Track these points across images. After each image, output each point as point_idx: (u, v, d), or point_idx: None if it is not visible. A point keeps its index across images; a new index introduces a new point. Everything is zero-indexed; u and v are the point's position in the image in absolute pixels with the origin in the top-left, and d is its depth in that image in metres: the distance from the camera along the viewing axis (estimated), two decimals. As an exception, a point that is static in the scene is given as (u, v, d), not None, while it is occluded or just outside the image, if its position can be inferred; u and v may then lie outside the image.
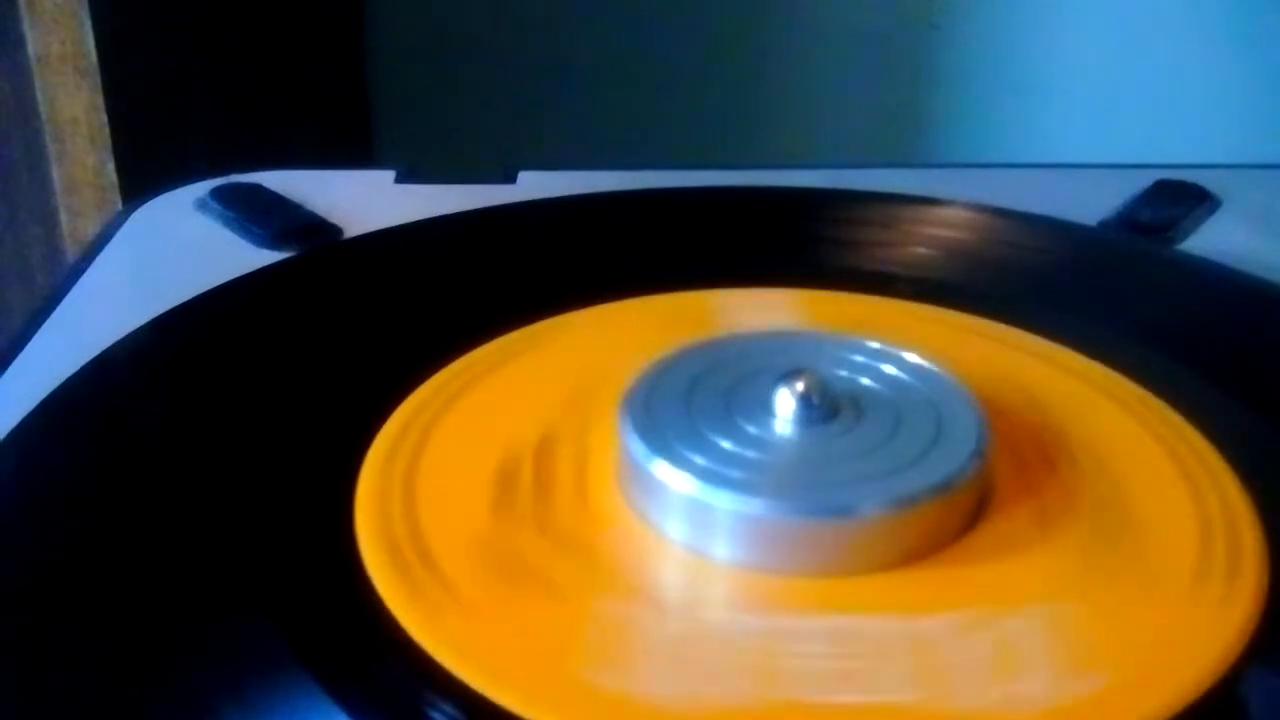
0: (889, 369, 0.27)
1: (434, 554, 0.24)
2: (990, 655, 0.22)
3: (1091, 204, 0.38)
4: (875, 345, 0.27)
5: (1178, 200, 0.38)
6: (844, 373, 0.27)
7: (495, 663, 0.21)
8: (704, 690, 0.21)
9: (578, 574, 0.23)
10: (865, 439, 0.25)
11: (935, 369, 0.27)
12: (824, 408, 0.25)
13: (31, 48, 0.51)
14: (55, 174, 0.54)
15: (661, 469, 0.24)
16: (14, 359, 0.31)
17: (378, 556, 0.24)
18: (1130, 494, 0.25)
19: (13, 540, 0.25)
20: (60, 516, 0.25)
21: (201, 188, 0.40)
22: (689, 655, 0.22)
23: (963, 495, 0.24)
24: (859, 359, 0.27)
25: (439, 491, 0.26)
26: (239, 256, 0.36)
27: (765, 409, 0.25)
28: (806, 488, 0.23)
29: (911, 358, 0.27)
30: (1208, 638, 0.22)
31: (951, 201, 0.38)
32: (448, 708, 0.21)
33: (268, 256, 0.36)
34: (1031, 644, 0.22)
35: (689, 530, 0.24)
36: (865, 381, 0.26)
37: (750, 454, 0.24)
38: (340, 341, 0.31)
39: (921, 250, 0.36)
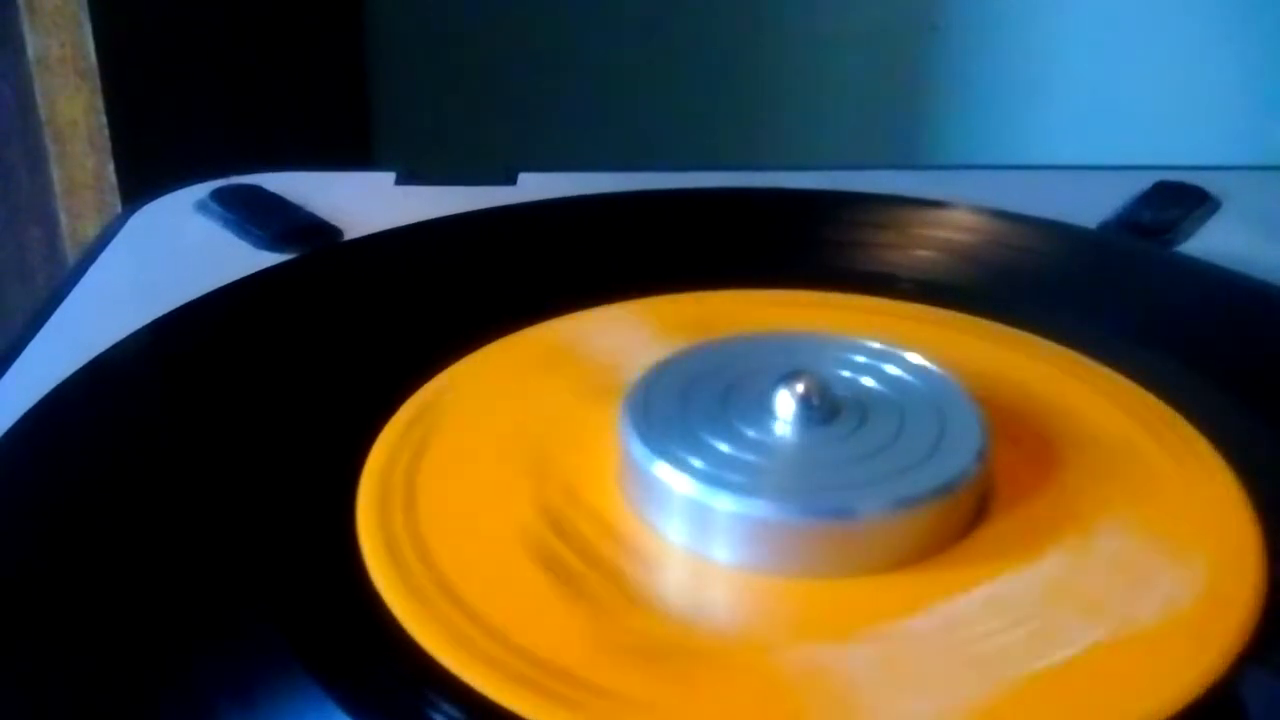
0: (889, 370, 0.27)
1: (435, 556, 0.24)
2: (989, 656, 0.22)
3: (1092, 205, 0.38)
4: (876, 347, 0.27)
5: (1178, 202, 0.39)
6: (844, 374, 0.27)
7: (498, 664, 0.21)
8: (704, 691, 0.21)
9: (578, 576, 0.23)
10: (866, 440, 0.25)
11: (936, 370, 0.27)
12: (824, 409, 0.25)
13: (31, 50, 0.51)
14: (55, 176, 0.54)
15: (662, 470, 0.24)
16: (14, 360, 0.31)
17: (379, 558, 0.24)
18: (1130, 495, 0.25)
19: (11, 543, 0.25)
20: (59, 519, 0.25)
21: (201, 189, 0.40)
22: (690, 657, 0.22)
23: (963, 497, 0.24)
24: (859, 360, 0.27)
25: (440, 493, 0.26)
26: (239, 258, 0.36)
27: (766, 410, 0.25)
28: (807, 489, 0.23)
29: (912, 359, 0.27)
30: (1206, 639, 0.22)
31: (952, 203, 0.38)
32: (450, 708, 0.21)
33: (268, 258, 0.36)
34: (1030, 645, 0.22)
35: (689, 532, 0.24)
36: (866, 383, 0.26)
37: (751, 456, 0.24)
38: (341, 343, 0.31)
39: (922, 252, 0.36)
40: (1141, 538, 0.24)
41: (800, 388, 0.25)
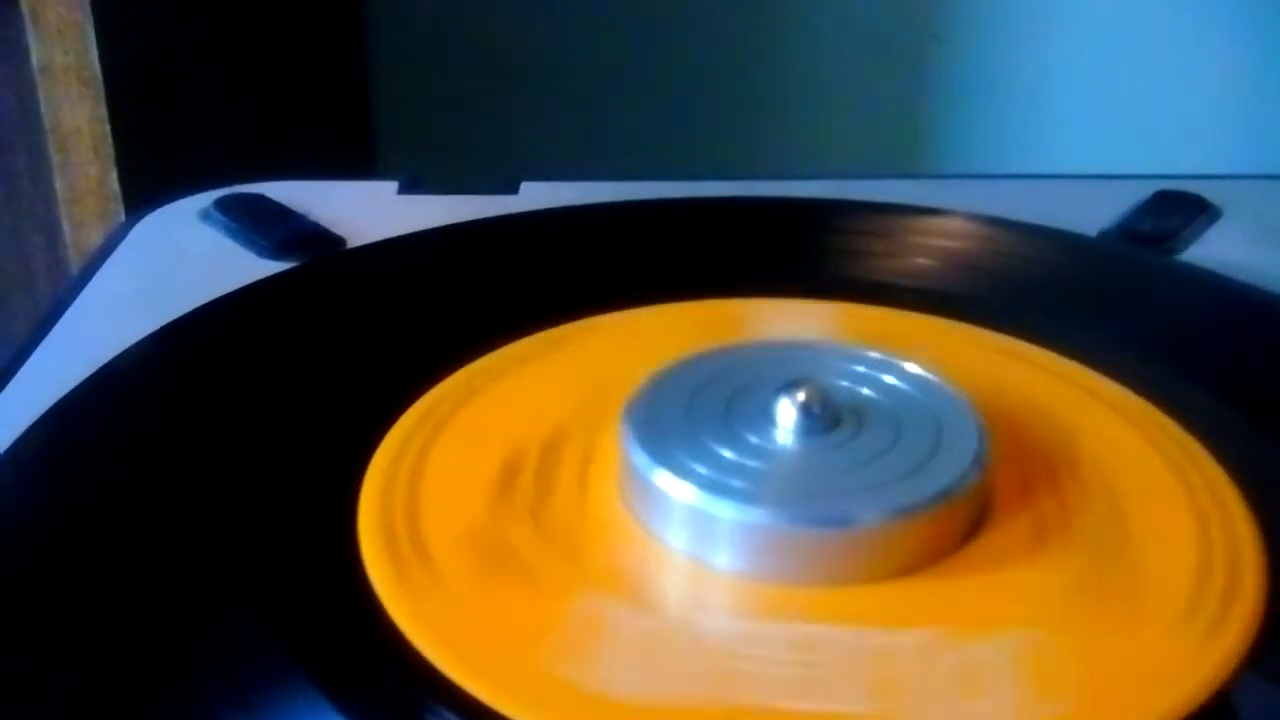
0: (890, 379, 0.27)
1: (436, 562, 0.24)
2: (987, 664, 0.22)
3: (1092, 214, 0.38)
4: (876, 355, 0.28)
5: (1178, 210, 0.39)
6: (845, 383, 0.27)
7: (497, 669, 0.21)
8: (703, 698, 0.21)
9: (581, 583, 0.24)
10: (866, 449, 0.25)
11: (936, 379, 0.27)
12: (825, 418, 0.25)
13: (36, 58, 0.51)
14: (59, 184, 0.54)
15: (663, 478, 0.24)
16: (18, 369, 0.32)
17: (380, 564, 0.24)
18: (1129, 505, 0.26)
19: (16, 550, 0.25)
20: (64, 528, 0.25)
21: (205, 198, 0.40)
22: (690, 664, 0.22)
23: (962, 506, 0.24)
24: (860, 369, 0.27)
25: (442, 501, 0.26)
26: (242, 267, 0.36)
27: (766, 419, 0.25)
28: (807, 497, 0.24)
29: (912, 368, 0.27)
30: (1205, 648, 0.22)
31: (952, 212, 0.38)
32: (447, 713, 0.21)
33: (271, 267, 0.36)
34: (1028, 653, 0.22)
35: (689, 539, 0.24)
36: (866, 391, 0.26)
37: (751, 464, 0.24)
38: (343, 352, 0.31)
39: (922, 260, 0.36)
40: (1141, 546, 0.24)
41: (801, 396, 0.25)
